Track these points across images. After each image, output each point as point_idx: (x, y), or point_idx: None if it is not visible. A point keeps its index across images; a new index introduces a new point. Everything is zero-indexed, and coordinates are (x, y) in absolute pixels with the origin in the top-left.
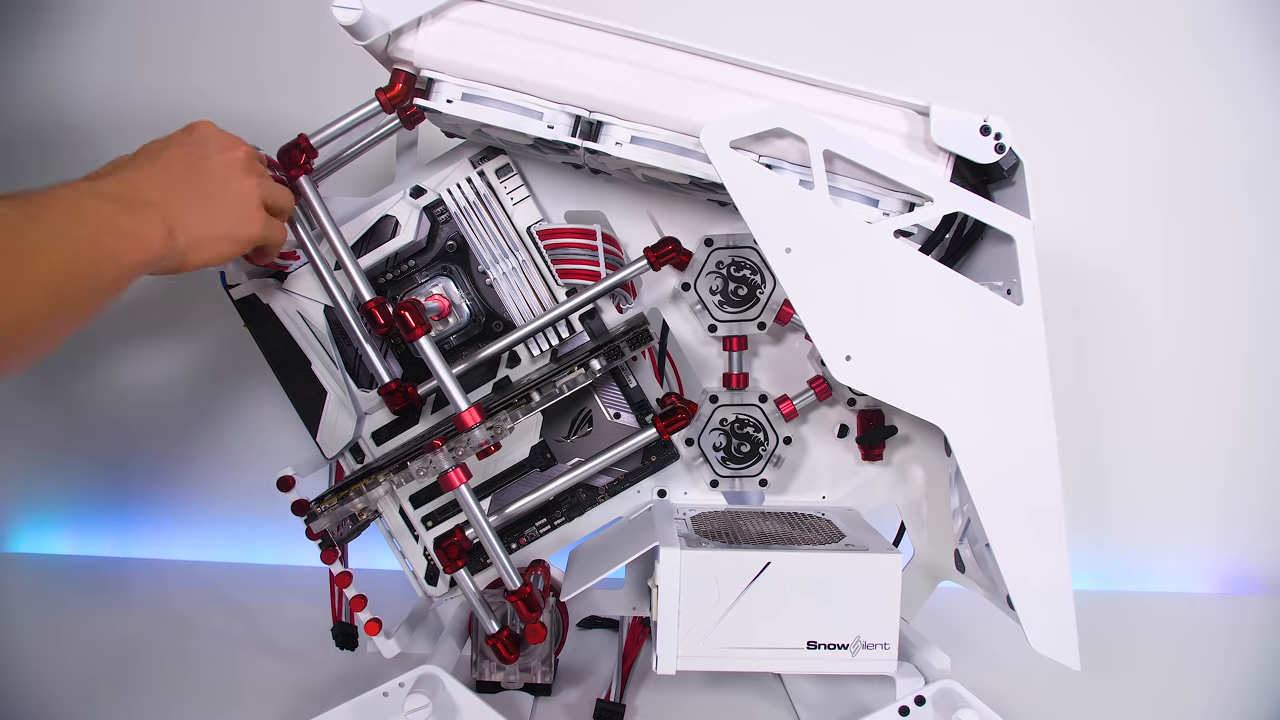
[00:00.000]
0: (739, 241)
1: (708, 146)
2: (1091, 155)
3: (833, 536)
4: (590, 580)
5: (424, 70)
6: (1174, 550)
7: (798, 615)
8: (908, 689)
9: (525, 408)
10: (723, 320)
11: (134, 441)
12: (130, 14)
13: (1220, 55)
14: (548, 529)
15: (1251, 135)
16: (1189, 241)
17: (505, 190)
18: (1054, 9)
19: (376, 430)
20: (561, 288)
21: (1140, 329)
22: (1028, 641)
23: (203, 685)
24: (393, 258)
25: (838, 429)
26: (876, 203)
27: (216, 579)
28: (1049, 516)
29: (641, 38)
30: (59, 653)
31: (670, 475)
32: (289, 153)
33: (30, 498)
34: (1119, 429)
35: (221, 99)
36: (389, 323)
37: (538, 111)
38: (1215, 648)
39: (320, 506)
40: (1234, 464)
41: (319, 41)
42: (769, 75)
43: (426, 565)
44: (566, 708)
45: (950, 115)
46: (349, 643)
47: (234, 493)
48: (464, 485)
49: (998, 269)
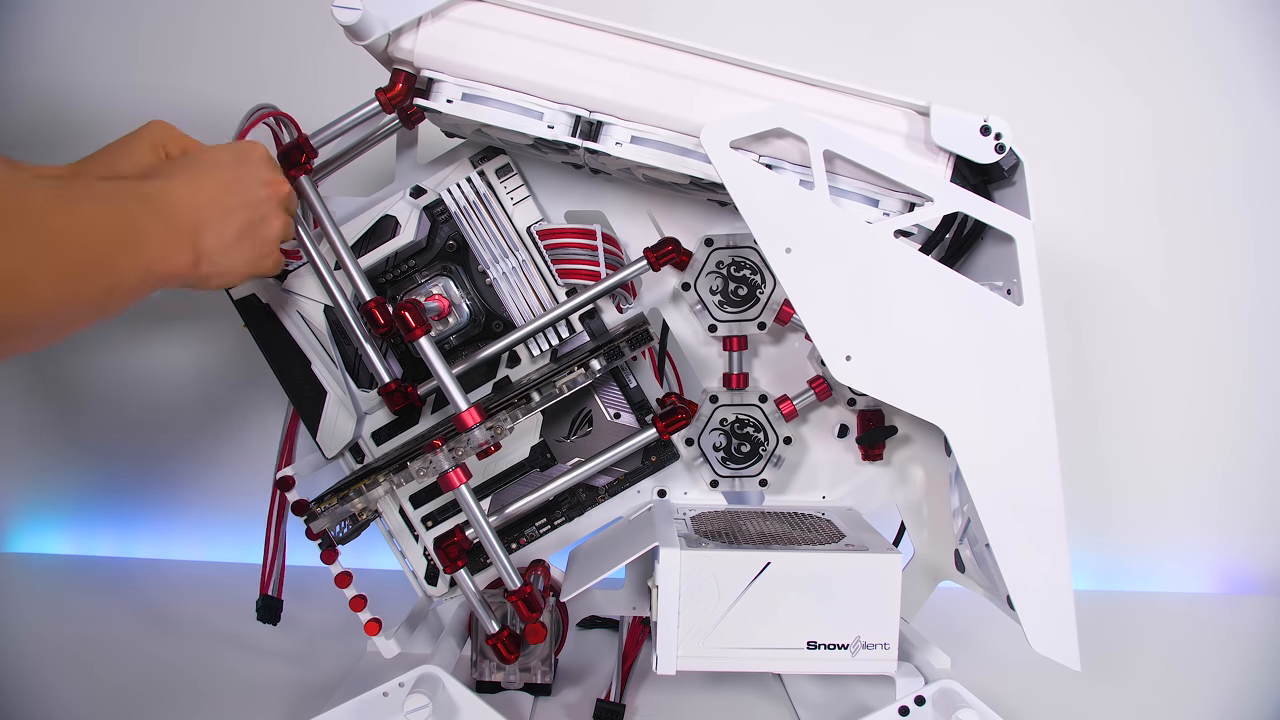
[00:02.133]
0: (739, 241)
1: (708, 146)
2: (1091, 155)
3: (833, 536)
4: (590, 580)
5: (424, 70)
6: (1174, 550)
7: (798, 615)
8: (908, 689)
9: (525, 408)
10: (723, 320)
11: (134, 441)
12: (131, 14)
13: (1219, 55)
14: (548, 529)
15: (1250, 135)
16: (1189, 241)
17: (505, 190)
18: (1053, 10)
19: (376, 430)
20: (561, 288)
21: (1140, 328)
22: (1028, 641)
23: (203, 685)
24: (393, 258)
25: (838, 429)
26: (877, 203)
27: (217, 579)
28: (1049, 516)
29: (642, 38)
30: (59, 653)
31: (670, 475)
32: (289, 152)
33: (30, 498)
34: (1119, 429)
35: (222, 98)
36: (389, 323)
37: (538, 111)
38: (1215, 648)
39: (320, 506)
40: (1234, 463)
41: (319, 41)
42: (769, 75)
43: (426, 565)
44: (566, 708)
45: (950, 115)
46: (271, 616)
47: (234, 492)
48: (464, 485)
49: (998, 269)
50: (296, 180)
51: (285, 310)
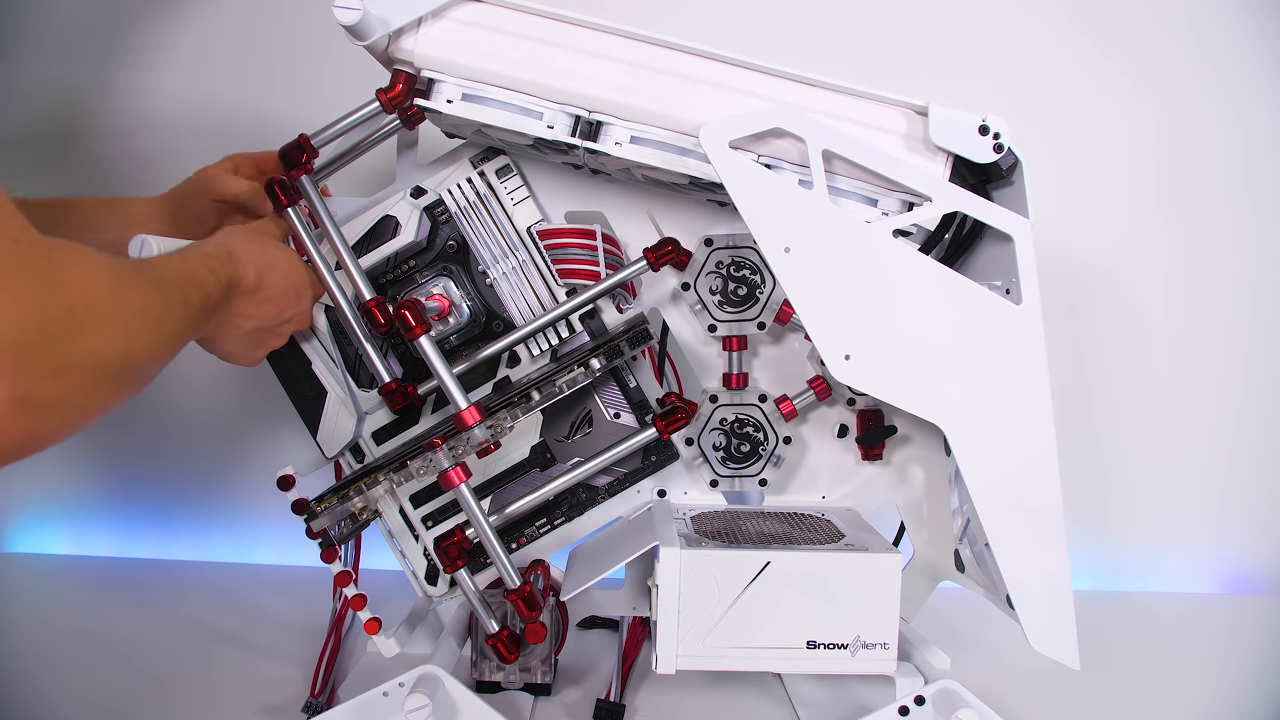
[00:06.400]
0: (739, 241)
1: (707, 146)
2: (1090, 155)
3: (833, 536)
4: (590, 580)
5: (424, 70)
6: (1174, 550)
7: (797, 615)
8: (908, 689)
9: (525, 407)
10: (723, 320)
11: (134, 441)
12: (131, 16)
13: (1219, 55)
14: (548, 529)
15: (1250, 134)
16: (1188, 240)
17: (505, 190)
18: (1054, 9)
19: (376, 430)
20: (561, 288)
21: (1140, 328)
22: (1028, 641)
23: (203, 685)
24: (393, 258)
25: (837, 429)
26: (875, 202)
27: (217, 579)
28: (1049, 516)
29: (641, 38)
30: (59, 653)
31: (670, 475)
32: (290, 152)
33: (30, 498)
34: (1119, 428)
35: (222, 98)
36: (389, 322)
37: (538, 112)
38: (1215, 648)
39: (320, 505)
40: (1234, 464)
41: (320, 41)
42: (768, 75)
43: (426, 565)
44: (566, 708)
45: (949, 115)
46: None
47: (234, 492)
48: (464, 484)
49: (997, 268)
50: (297, 180)
51: None
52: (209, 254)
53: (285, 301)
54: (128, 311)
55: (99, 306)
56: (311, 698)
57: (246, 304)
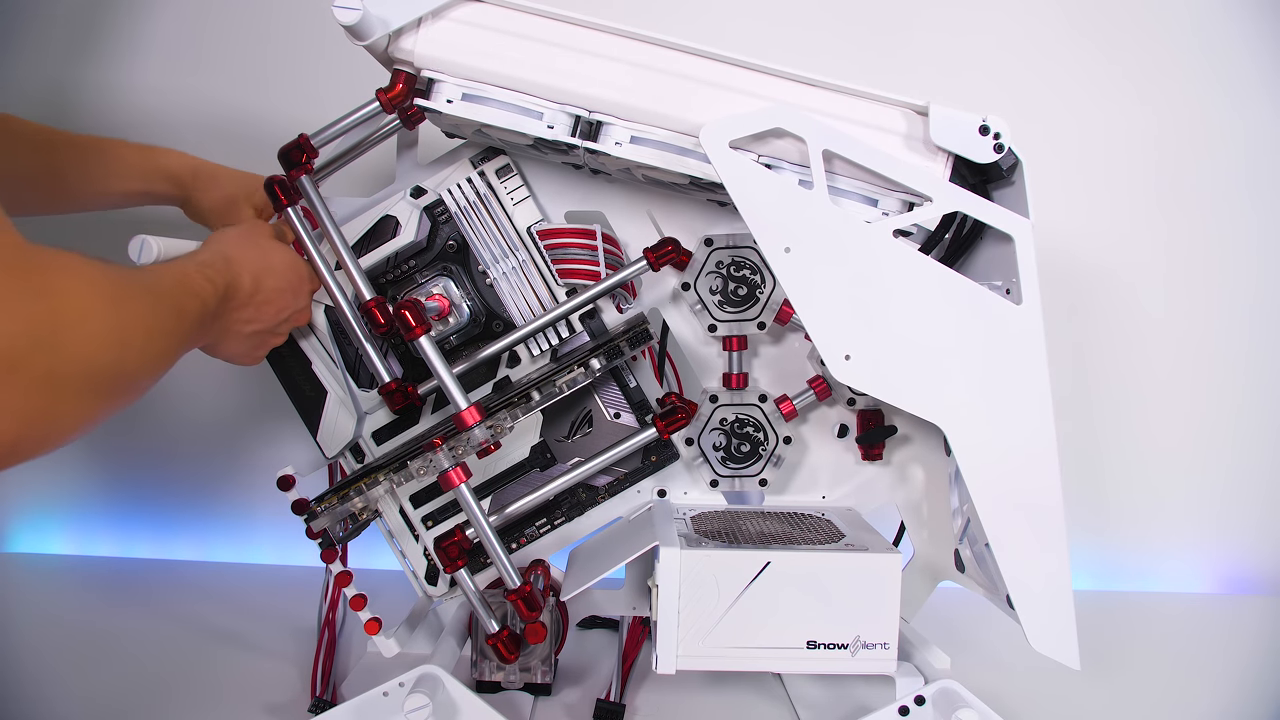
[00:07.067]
0: (739, 241)
1: (707, 146)
2: (1091, 155)
3: (833, 536)
4: (590, 580)
5: (424, 70)
6: (1174, 550)
7: (797, 615)
8: (908, 689)
9: (525, 407)
10: (723, 320)
11: (134, 441)
12: (131, 15)
13: (1219, 55)
14: (548, 529)
15: (1250, 135)
16: (1189, 241)
17: (505, 190)
18: (1053, 9)
19: (376, 430)
20: (561, 288)
21: (1140, 328)
22: (1028, 641)
23: (202, 685)
24: (393, 258)
25: (838, 429)
26: (876, 202)
27: (217, 579)
28: (1049, 516)
29: (641, 38)
30: (59, 653)
31: (670, 475)
32: (290, 152)
33: (30, 498)
34: (1119, 428)
35: (223, 98)
36: (389, 322)
37: (538, 112)
38: (1215, 648)
39: (320, 506)
40: (1234, 464)
41: (320, 42)
42: (768, 75)
43: (426, 565)
44: (566, 708)
45: (949, 115)
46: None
47: (234, 492)
48: (464, 484)
49: (997, 269)
50: (297, 180)
51: None
52: (205, 261)
53: (283, 302)
54: (120, 321)
55: (89, 316)
56: (316, 696)
57: (245, 309)
